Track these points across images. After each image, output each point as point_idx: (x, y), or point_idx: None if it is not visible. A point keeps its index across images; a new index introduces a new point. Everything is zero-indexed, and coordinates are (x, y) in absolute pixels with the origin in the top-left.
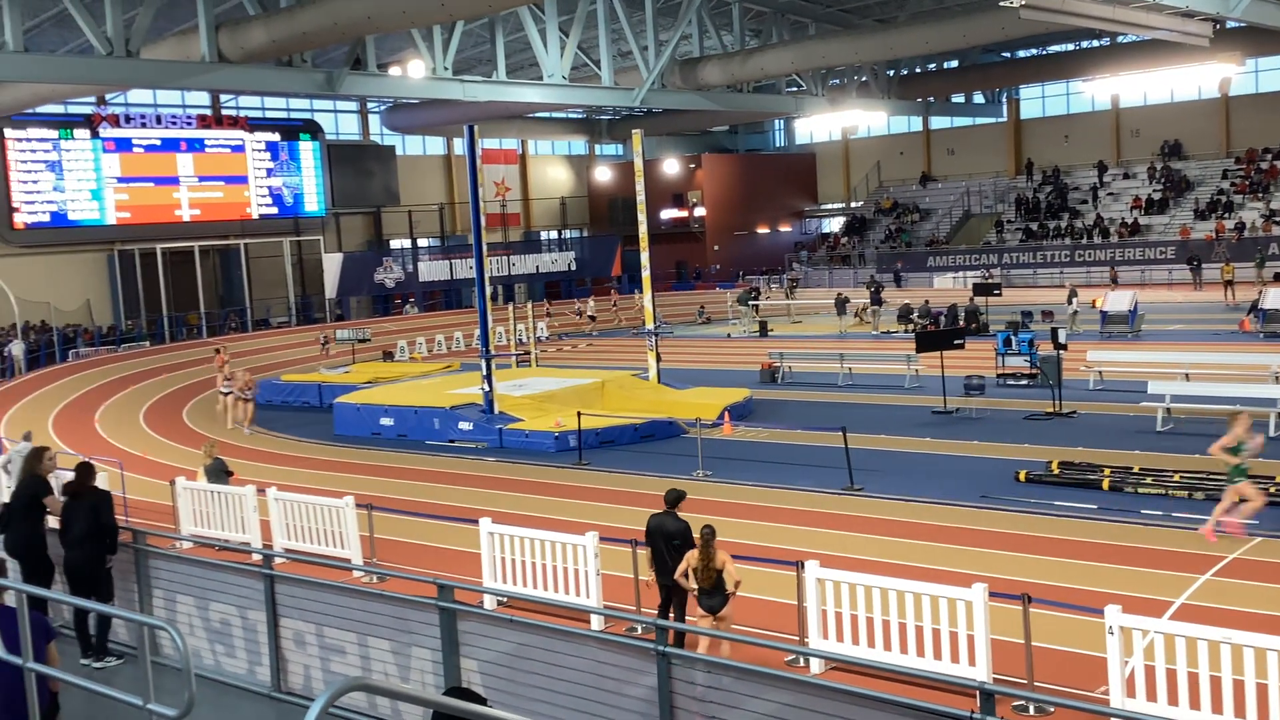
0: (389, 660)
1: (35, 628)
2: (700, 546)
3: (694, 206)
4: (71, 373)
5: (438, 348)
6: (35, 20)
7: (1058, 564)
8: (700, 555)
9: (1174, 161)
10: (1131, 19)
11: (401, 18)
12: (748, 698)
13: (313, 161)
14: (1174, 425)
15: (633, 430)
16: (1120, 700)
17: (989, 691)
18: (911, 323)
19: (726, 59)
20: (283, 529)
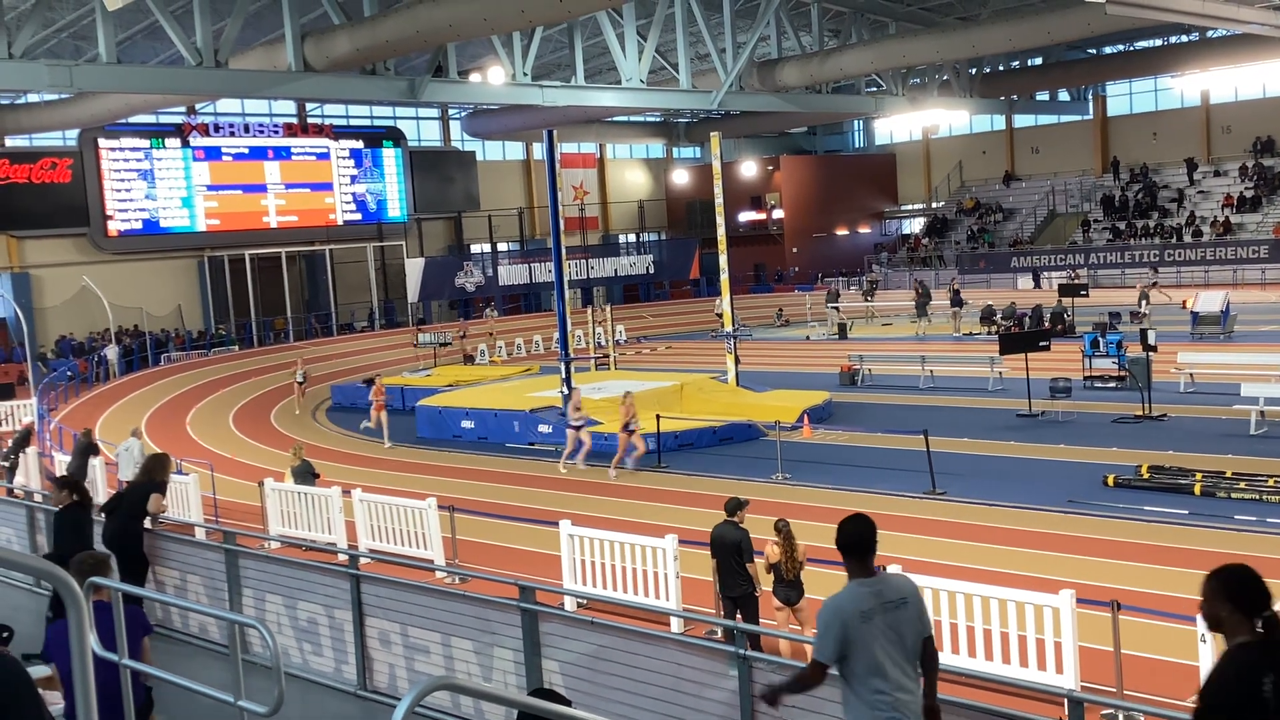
0: (472, 660)
1: (132, 622)
2: (782, 541)
3: (772, 209)
4: (163, 376)
5: (518, 351)
6: (127, 32)
7: (1147, 570)
8: (784, 548)
9: (1266, 158)
10: (1221, 13)
11: (482, 24)
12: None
13: (395, 168)
14: (1268, 429)
15: (711, 433)
16: None
17: (1077, 699)
18: (995, 324)
19: (805, 60)
20: (367, 530)
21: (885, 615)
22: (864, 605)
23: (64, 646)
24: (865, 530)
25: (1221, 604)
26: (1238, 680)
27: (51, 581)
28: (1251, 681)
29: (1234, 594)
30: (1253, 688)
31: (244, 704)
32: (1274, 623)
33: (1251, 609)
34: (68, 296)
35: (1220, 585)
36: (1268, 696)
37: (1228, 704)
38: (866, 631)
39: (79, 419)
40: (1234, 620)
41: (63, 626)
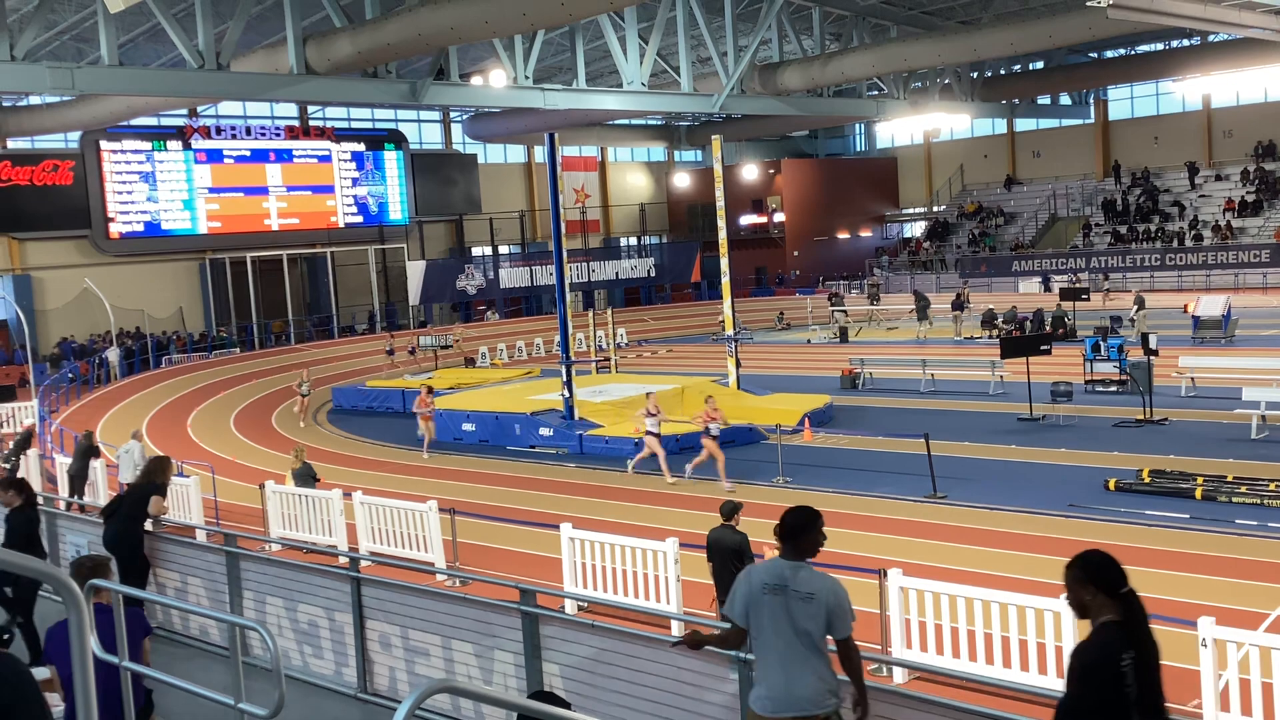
0: (472, 663)
1: (133, 623)
2: None
3: (773, 212)
4: (165, 378)
5: (518, 354)
6: (129, 35)
7: (1149, 574)
8: None
9: (1268, 163)
10: (1223, 17)
11: (484, 28)
12: None
13: (397, 171)
14: (1269, 433)
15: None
16: (1214, 715)
17: None
18: (996, 328)
19: (806, 63)
20: (368, 533)
21: (787, 599)
22: (771, 581)
23: (64, 649)
24: (798, 520)
25: (1084, 588)
26: (1102, 658)
27: (52, 584)
28: (1113, 659)
29: (1094, 577)
30: (1114, 664)
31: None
32: (1132, 601)
33: (1111, 589)
34: (69, 298)
35: (1080, 571)
36: (1126, 670)
37: (1094, 680)
38: (765, 605)
39: (80, 421)
40: (1097, 602)
41: (63, 628)
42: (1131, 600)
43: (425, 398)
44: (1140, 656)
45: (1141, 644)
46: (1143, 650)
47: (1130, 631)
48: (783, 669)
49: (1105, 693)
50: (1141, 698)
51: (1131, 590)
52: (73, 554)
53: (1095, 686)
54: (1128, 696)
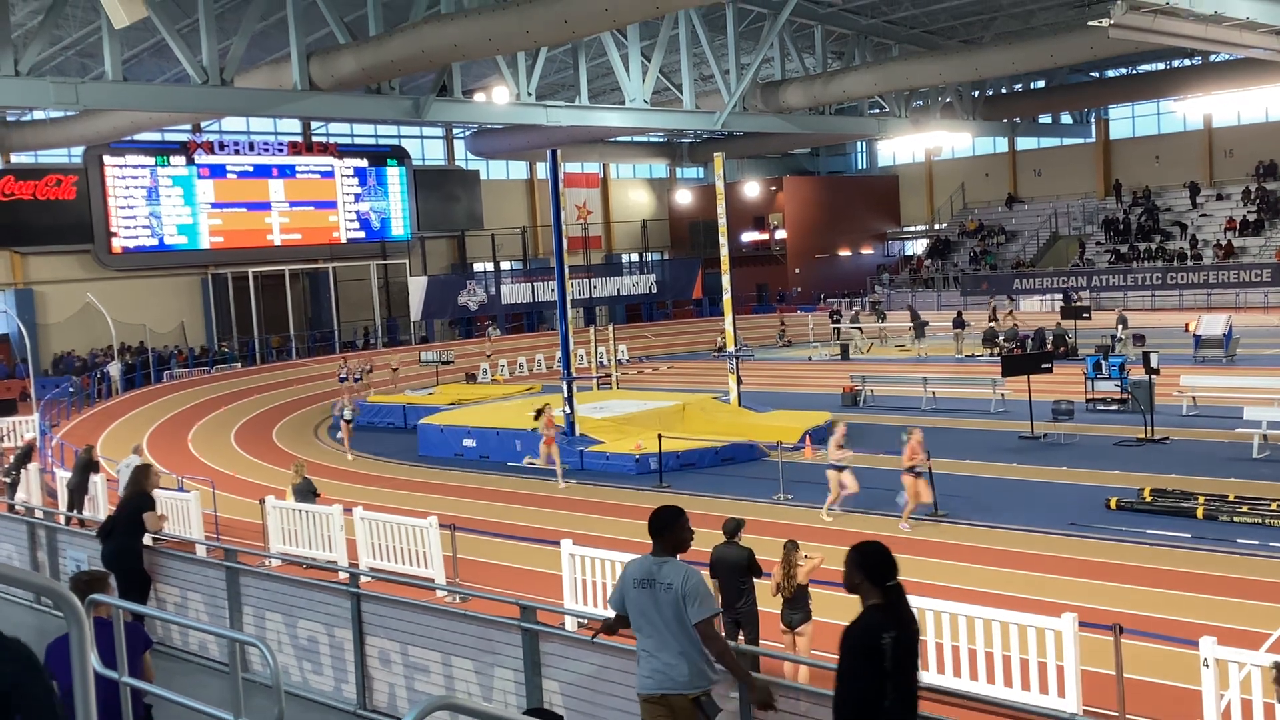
0: (472, 680)
1: (133, 637)
2: (781, 560)
3: (775, 229)
4: (166, 393)
5: (519, 370)
6: (134, 50)
7: (1150, 594)
8: (780, 568)
9: (1269, 182)
10: (1224, 37)
11: (487, 45)
12: None
13: (399, 186)
14: (1270, 452)
15: (713, 453)
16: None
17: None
18: (997, 346)
19: (808, 81)
20: (368, 548)
21: (653, 591)
22: (640, 575)
23: (64, 663)
24: (663, 519)
25: (856, 573)
26: (865, 633)
27: (52, 598)
28: (875, 635)
29: (866, 565)
30: (876, 640)
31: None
32: (897, 589)
33: (878, 578)
34: (71, 313)
35: (856, 557)
36: (886, 646)
37: (857, 653)
38: (634, 597)
39: (81, 435)
40: (866, 587)
41: (63, 643)
42: (896, 590)
43: (550, 419)
44: (899, 636)
45: (902, 626)
46: (903, 631)
47: (892, 614)
48: (654, 653)
49: (867, 664)
50: (897, 671)
51: (898, 583)
52: (73, 568)
53: (859, 658)
54: (885, 669)
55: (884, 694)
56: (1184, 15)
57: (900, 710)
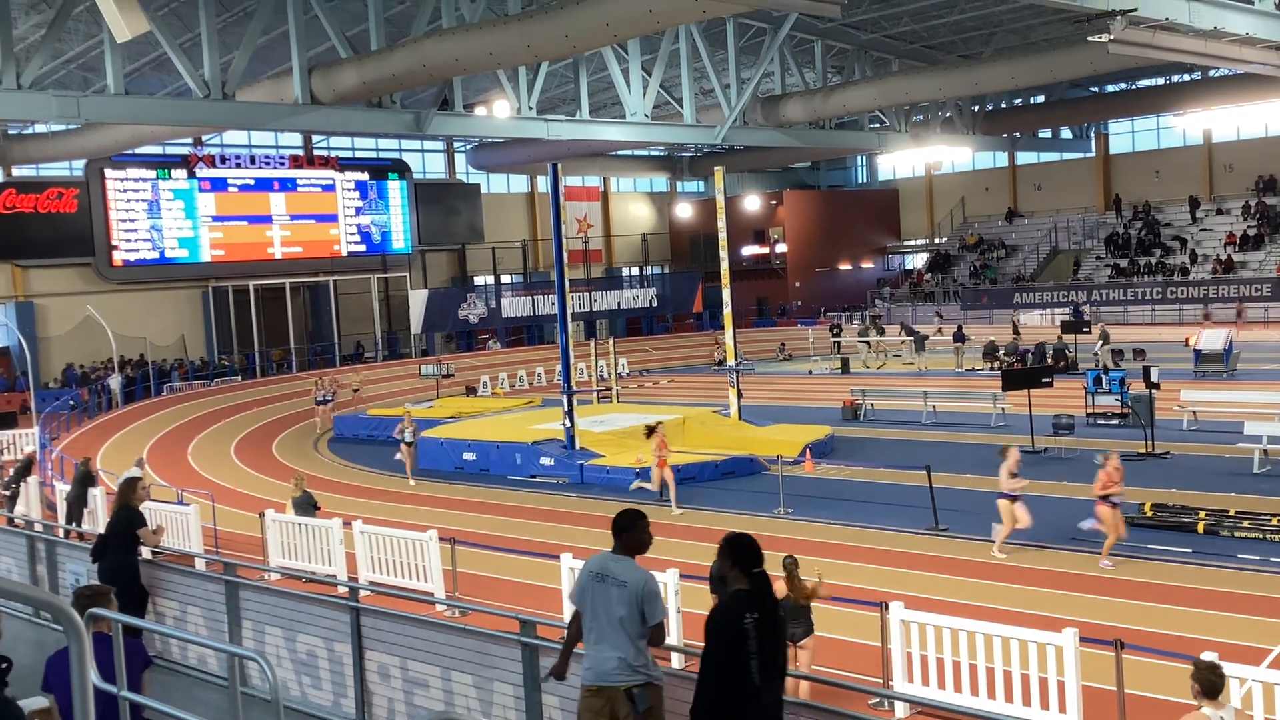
0: (471, 695)
1: (133, 654)
2: (786, 578)
3: (775, 243)
4: (166, 406)
5: (520, 383)
6: (135, 64)
7: (1151, 609)
8: (788, 586)
9: (1269, 197)
10: (1224, 53)
11: (488, 59)
12: None
13: (400, 200)
14: (1271, 467)
15: (714, 467)
16: None
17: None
18: (997, 360)
19: (809, 96)
20: (368, 562)
21: (605, 585)
22: (597, 570)
23: (64, 677)
24: (624, 520)
25: (725, 561)
26: (729, 615)
27: (52, 613)
28: (739, 616)
29: (735, 554)
30: (739, 621)
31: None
32: (762, 576)
33: (746, 566)
34: (72, 326)
35: (725, 546)
36: (748, 627)
37: (721, 633)
38: (591, 590)
39: (81, 448)
40: (734, 574)
41: (63, 656)
42: (761, 578)
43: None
44: (762, 618)
45: (765, 610)
46: (765, 614)
47: (756, 599)
48: (599, 645)
49: (730, 644)
50: (761, 650)
51: (763, 571)
52: (72, 582)
53: (723, 639)
54: (749, 648)
55: (750, 670)
56: (1183, 31)
57: (765, 684)
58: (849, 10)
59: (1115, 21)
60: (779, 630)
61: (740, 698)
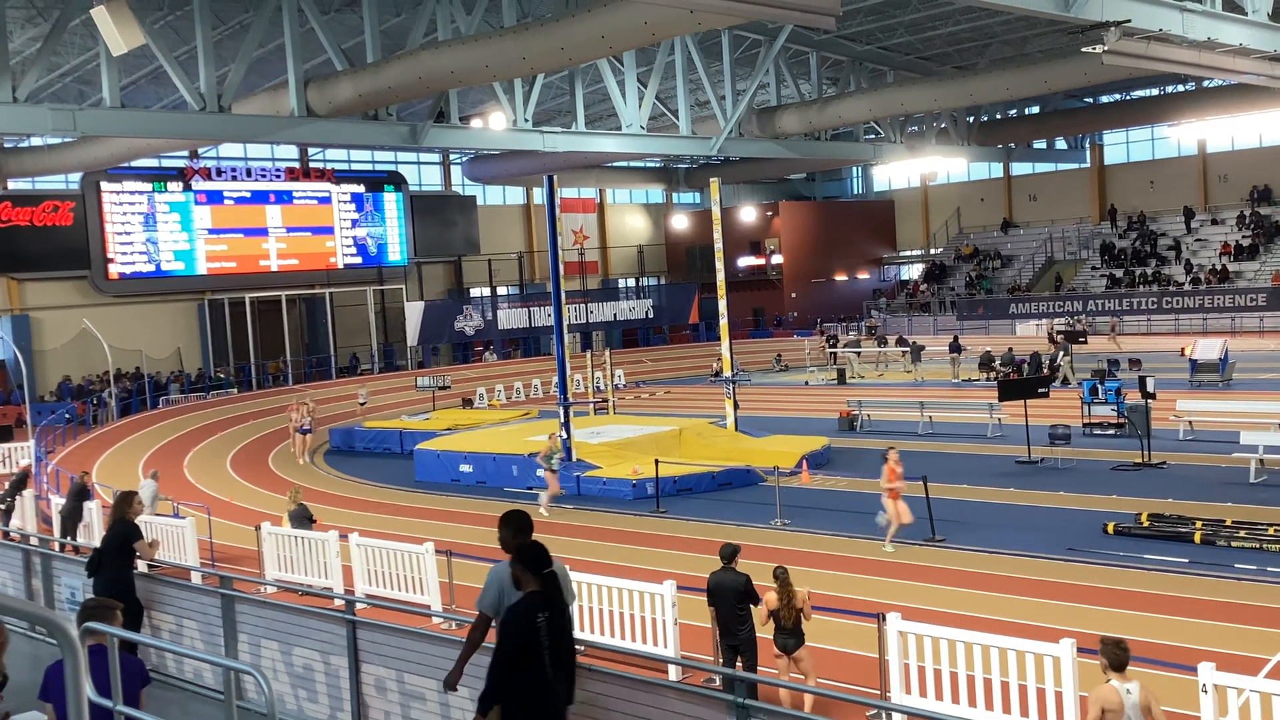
0: (468, 707)
1: (130, 670)
2: (779, 588)
3: (771, 254)
4: (162, 419)
5: (516, 395)
6: (131, 77)
7: (1148, 619)
8: (780, 595)
9: (1264, 207)
10: (1218, 63)
11: (484, 71)
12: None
13: (396, 212)
14: (1268, 477)
15: (710, 478)
16: None
17: None
18: (994, 371)
19: (804, 107)
20: (364, 575)
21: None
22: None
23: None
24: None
25: (518, 566)
26: (524, 615)
27: (47, 627)
28: (532, 615)
29: (525, 559)
30: (533, 620)
31: None
32: (551, 578)
33: (536, 568)
34: (68, 339)
35: (517, 553)
36: (541, 625)
37: (516, 631)
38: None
39: (77, 462)
40: (527, 578)
41: (61, 668)
42: (550, 578)
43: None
44: (552, 616)
45: (555, 609)
46: (555, 613)
47: (546, 599)
48: None
49: (524, 641)
50: (552, 645)
51: (552, 571)
52: (67, 596)
53: (516, 636)
54: (541, 644)
55: (543, 664)
56: (1177, 42)
57: (556, 675)
58: (844, 22)
59: (1109, 33)
60: (566, 627)
61: (535, 688)
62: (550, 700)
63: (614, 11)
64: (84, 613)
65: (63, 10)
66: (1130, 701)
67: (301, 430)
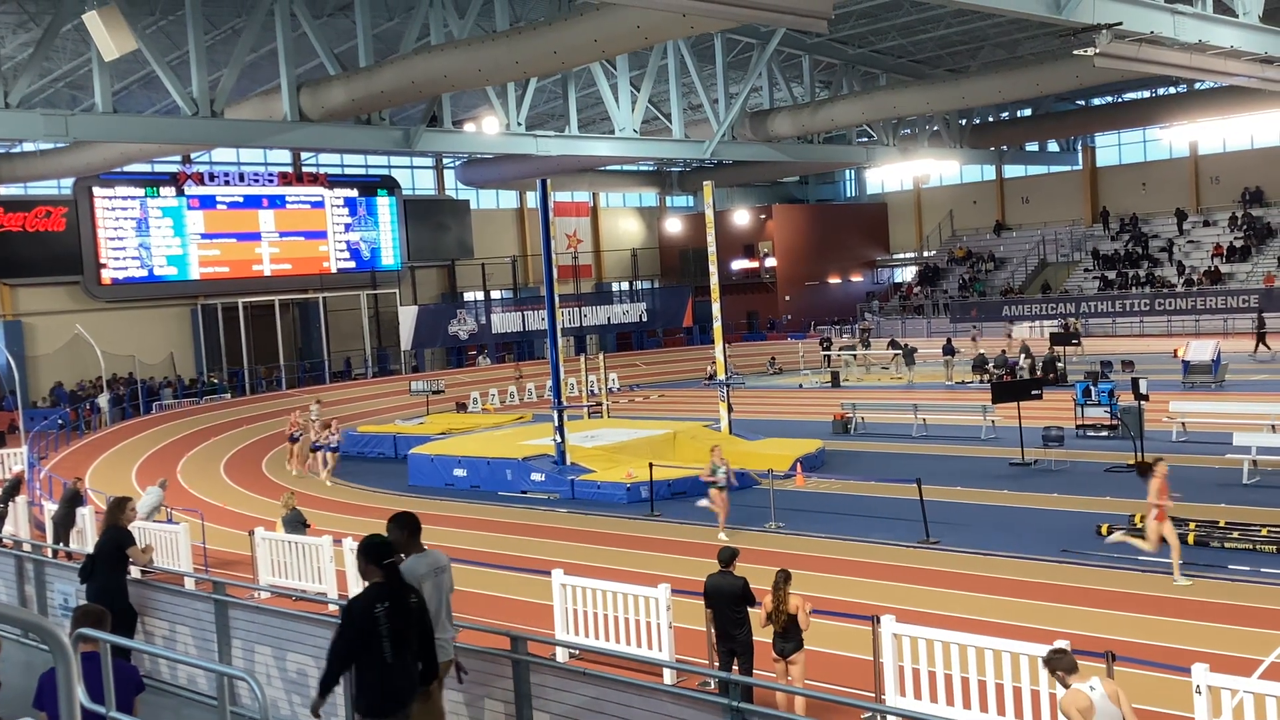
0: (462, 713)
1: (123, 676)
2: (772, 590)
3: (765, 257)
4: (155, 424)
5: (510, 399)
6: (124, 82)
7: (1142, 620)
8: (771, 598)
9: (1255, 208)
10: (1209, 65)
11: (477, 76)
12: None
13: (389, 216)
14: (1261, 478)
15: (704, 482)
16: None
17: None
18: (987, 373)
19: (797, 110)
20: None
21: (434, 578)
22: (421, 570)
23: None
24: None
25: (361, 559)
26: (364, 604)
27: (39, 634)
28: (371, 606)
29: (367, 552)
30: (371, 610)
31: None
32: (393, 568)
33: (377, 560)
34: (60, 344)
35: (359, 549)
36: (380, 614)
37: (355, 619)
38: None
39: (69, 468)
40: (370, 570)
41: (55, 676)
42: (392, 568)
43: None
44: (393, 605)
45: (396, 598)
46: (396, 602)
47: (388, 589)
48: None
49: (360, 630)
50: (392, 633)
51: (394, 563)
52: (60, 602)
53: (356, 624)
54: (381, 632)
55: (383, 650)
56: (1168, 44)
57: (397, 660)
58: (836, 25)
59: (1101, 35)
60: (409, 614)
61: (377, 672)
62: (392, 683)
63: (606, 15)
64: (77, 619)
65: (54, 15)
66: (1097, 696)
67: (328, 448)
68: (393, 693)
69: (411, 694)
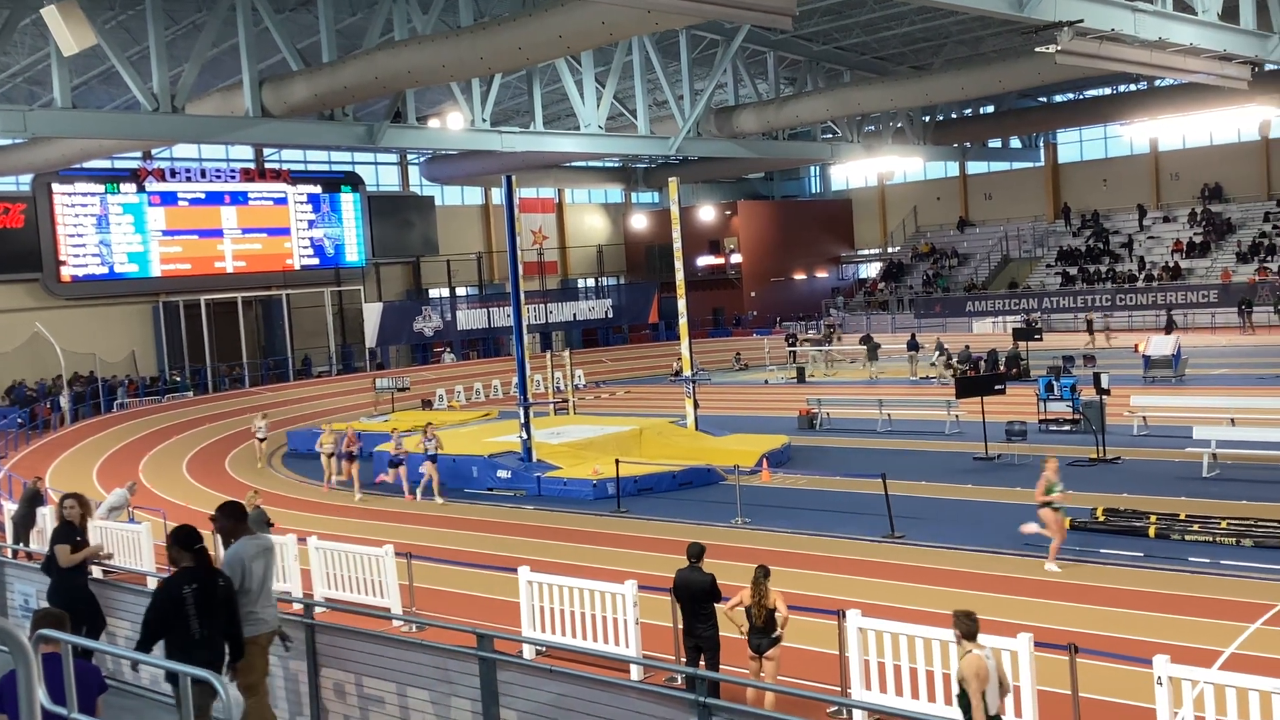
0: (428, 711)
1: (86, 677)
2: (752, 584)
3: (730, 253)
4: (116, 423)
5: (476, 396)
6: (83, 78)
7: (1104, 613)
8: (752, 593)
9: (1214, 205)
10: (1169, 63)
11: (441, 71)
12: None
13: (353, 213)
14: (1220, 471)
15: (671, 478)
16: None
17: None
18: (951, 368)
19: (761, 107)
20: (323, 578)
21: (264, 558)
22: (257, 549)
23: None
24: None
25: (173, 547)
26: (171, 587)
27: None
28: (179, 588)
29: (178, 539)
30: (179, 591)
31: None
32: (202, 553)
33: (188, 546)
34: (19, 343)
35: (171, 536)
36: (188, 595)
37: (163, 602)
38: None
39: (29, 467)
40: (179, 555)
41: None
42: (202, 553)
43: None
44: (199, 587)
45: (203, 581)
46: (203, 584)
47: (197, 573)
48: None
49: (166, 608)
50: (200, 614)
51: (202, 548)
52: (20, 603)
53: (163, 606)
54: (188, 613)
55: (190, 628)
56: (1129, 41)
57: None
58: (801, 22)
59: (1062, 32)
60: (214, 594)
61: (183, 646)
62: (198, 655)
63: (571, 11)
64: (37, 621)
65: (12, 10)
66: (992, 665)
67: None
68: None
69: (218, 668)
